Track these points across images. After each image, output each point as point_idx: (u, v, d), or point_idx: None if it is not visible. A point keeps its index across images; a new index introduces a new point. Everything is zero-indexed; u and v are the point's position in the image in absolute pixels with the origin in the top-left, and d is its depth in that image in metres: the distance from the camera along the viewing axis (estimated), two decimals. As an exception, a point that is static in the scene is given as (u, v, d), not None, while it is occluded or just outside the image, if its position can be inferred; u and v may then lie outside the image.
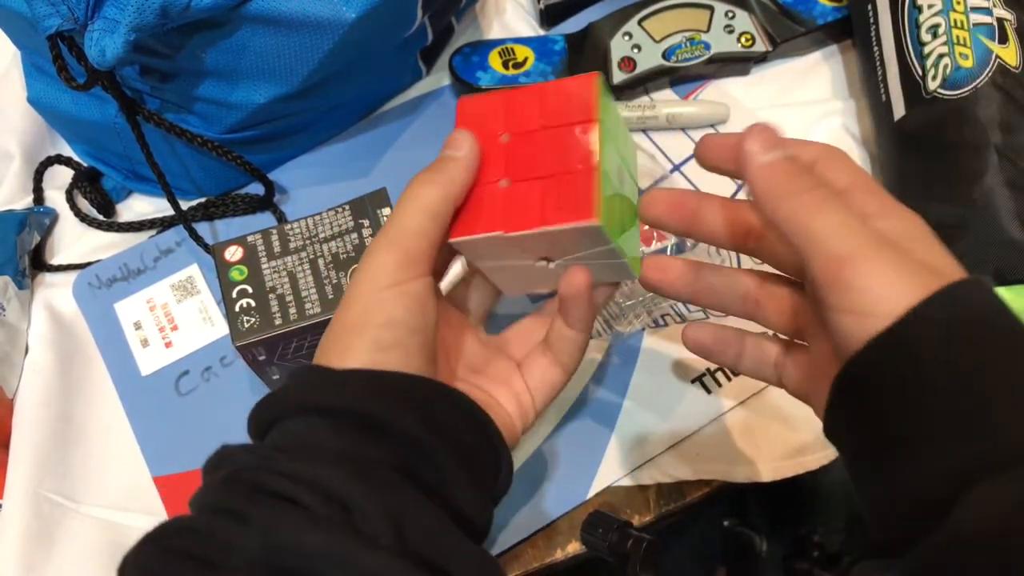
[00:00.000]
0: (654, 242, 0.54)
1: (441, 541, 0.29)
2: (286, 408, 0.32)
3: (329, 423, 0.31)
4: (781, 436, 0.48)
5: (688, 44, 0.59)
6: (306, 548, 0.27)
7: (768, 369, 0.38)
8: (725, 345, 0.39)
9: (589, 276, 0.36)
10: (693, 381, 0.50)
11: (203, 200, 0.58)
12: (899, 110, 0.53)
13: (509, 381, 0.39)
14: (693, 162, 0.57)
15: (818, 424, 0.48)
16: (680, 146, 0.59)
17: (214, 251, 0.49)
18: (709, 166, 0.35)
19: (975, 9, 0.51)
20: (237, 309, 0.47)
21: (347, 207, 0.50)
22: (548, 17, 0.63)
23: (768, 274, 0.38)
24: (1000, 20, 0.52)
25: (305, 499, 0.28)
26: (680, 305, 0.53)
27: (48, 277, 0.57)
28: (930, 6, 0.52)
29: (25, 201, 0.59)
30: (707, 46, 0.59)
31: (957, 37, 0.51)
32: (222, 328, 0.54)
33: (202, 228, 0.57)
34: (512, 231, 0.34)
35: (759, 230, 0.36)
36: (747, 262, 0.53)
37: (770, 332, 0.38)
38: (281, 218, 0.57)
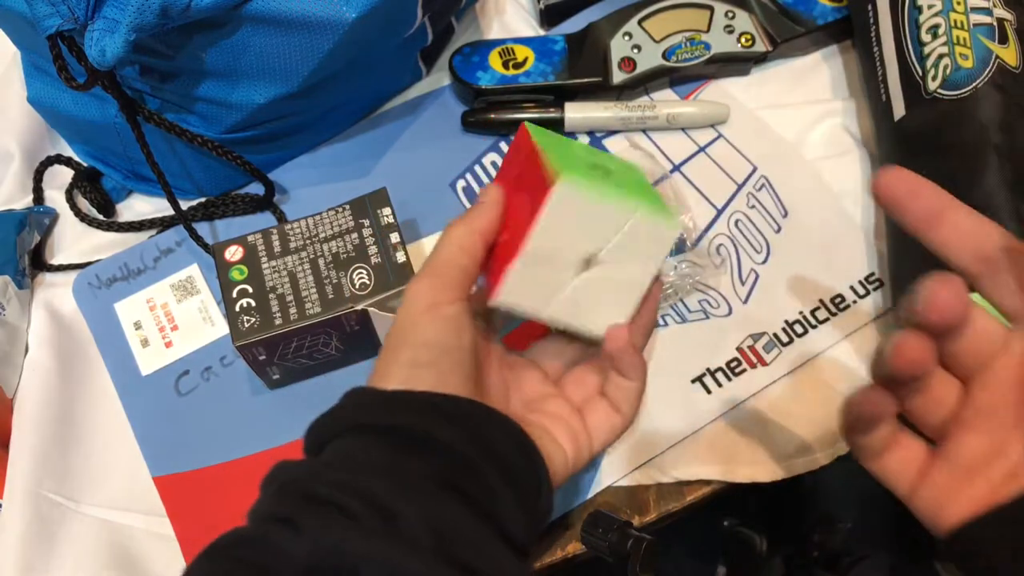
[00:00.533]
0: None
1: (484, 551, 0.30)
2: (336, 427, 0.34)
3: (377, 439, 0.33)
4: (781, 436, 0.48)
5: (688, 44, 0.59)
6: (353, 554, 0.28)
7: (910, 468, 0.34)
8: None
9: (626, 332, 0.38)
10: (693, 381, 0.50)
11: (203, 200, 0.58)
12: (899, 110, 0.53)
13: (568, 420, 0.39)
14: (693, 162, 0.58)
15: (818, 425, 0.48)
16: (680, 146, 0.59)
17: (214, 251, 0.49)
18: (887, 203, 0.33)
19: (975, 9, 0.51)
20: (237, 309, 0.47)
21: (347, 207, 0.50)
22: (548, 17, 0.63)
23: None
24: (1000, 20, 0.52)
25: (352, 507, 0.30)
26: (680, 304, 0.53)
27: (48, 277, 0.57)
28: (930, 6, 0.52)
29: (25, 201, 0.59)
30: (707, 46, 0.59)
31: (957, 37, 0.51)
32: (222, 328, 0.54)
33: (202, 228, 0.57)
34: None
35: (997, 260, 0.32)
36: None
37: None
38: (281, 218, 0.57)
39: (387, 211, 0.50)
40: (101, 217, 0.59)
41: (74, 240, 0.59)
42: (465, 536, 0.30)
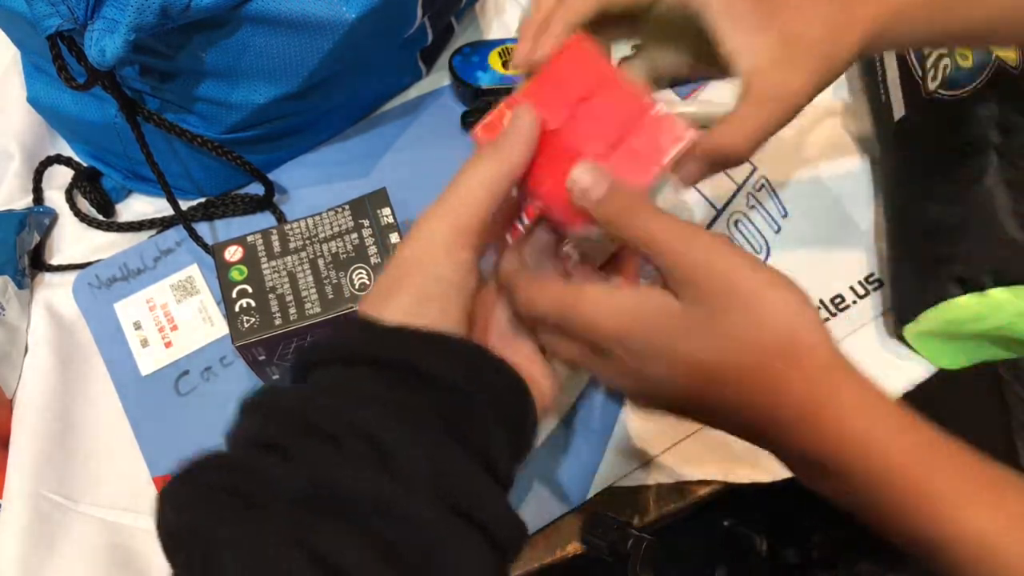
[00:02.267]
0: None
1: (478, 492, 0.30)
2: (330, 355, 0.33)
3: (373, 372, 0.32)
4: (781, 436, 0.48)
5: (688, 44, 0.59)
6: (348, 490, 0.27)
7: None
8: None
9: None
10: (693, 381, 0.50)
11: (203, 200, 0.58)
12: (899, 110, 0.53)
13: (534, 360, 0.39)
14: (693, 162, 0.58)
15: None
16: (680, 146, 0.59)
17: (214, 251, 0.49)
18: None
19: (975, 9, 0.51)
20: (237, 309, 0.47)
21: (347, 207, 0.50)
22: (548, 17, 0.63)
23: None
24: (1000, 20, 0.52)
25: (348, 440, 0.29)
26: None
27: (48, 277, 0.57)
28: (930, 6, 0.52)
29: (25, 201, 0.59)
30: (707, 46, 0.59)
31: (957, 37, 0.51)
32: (222, 328, 0.54)
33: (202, 228, 0.57)
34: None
35: None
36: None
37: None
38: (281, 218, 0.57)
39: (387, 211, 0.50)
40: (101, 217, 0.59)
41: (74, 240, 0.59)
42: (463, 480, 0.30)
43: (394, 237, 0.49)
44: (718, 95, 0.61)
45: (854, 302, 0.52)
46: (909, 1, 0.38)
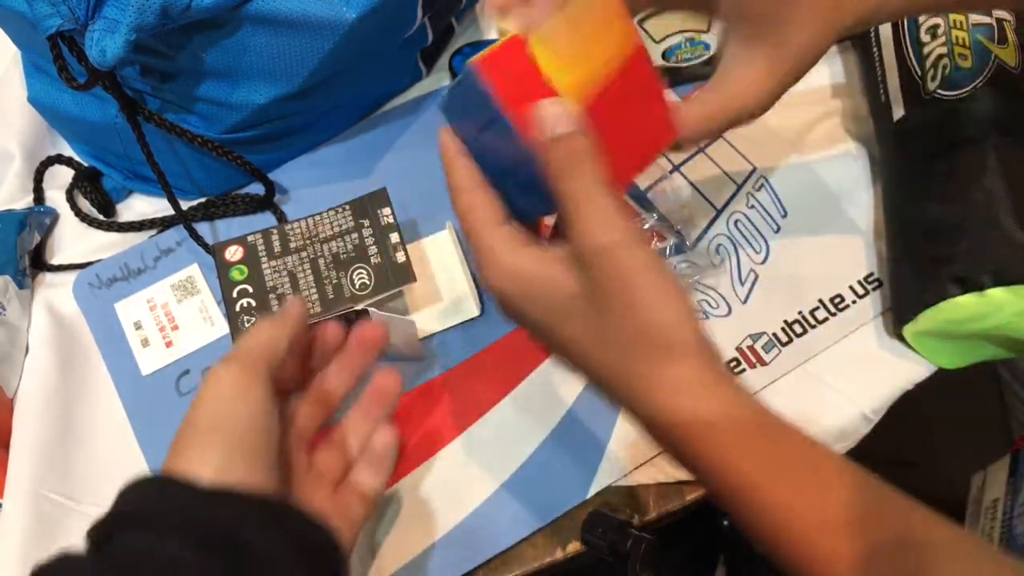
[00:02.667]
0: (655, 242, 0.54)
1: None
2: (143, 523, 0.33)
3: (186, 538, 0.31)
4: (781, 436, 0.48)
5: (688, 44, 0.59)
6: None
7: None
8: None
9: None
10: (693, 381, 0.50)
11: (203, 200, 0.58)
12: (899, 110, 0.53)
13: (333, 497, 0.41)
14: (693, 162, 0.58)
15: (817, 425, 0.48)
16: (680, 146, 0.59)
17: (214, 251, 0.49)
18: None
19: (975, 9, 0.51)
20: (237, 309, 0.47)
21: (347, 207, 0.50)
22: (548, 17, 0.63)
23: None
24: (999, 21, 0.52)
25: None
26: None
27: (48, 277, 0.57)
28: (930, 6, 0.52)
29: (25, 201, 0.59)
30: (707, 46, 0.59)
31: (956, 38, 0.51)
32: (222, 328, 0.54)
33: (202, 228, 0.57)
34: None
35: None
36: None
37: None
38: (281, 218, 0.57)
39: (387, 211, 0.50)
40: (101, 217, 0.59)
41: (74, 240, 0.59)
42: None
43: (394, 237, 0.49)
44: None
45: (853, 302, 0.52)
46: None
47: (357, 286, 0.48)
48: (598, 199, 0.32)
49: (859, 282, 0.53)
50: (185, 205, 0.57)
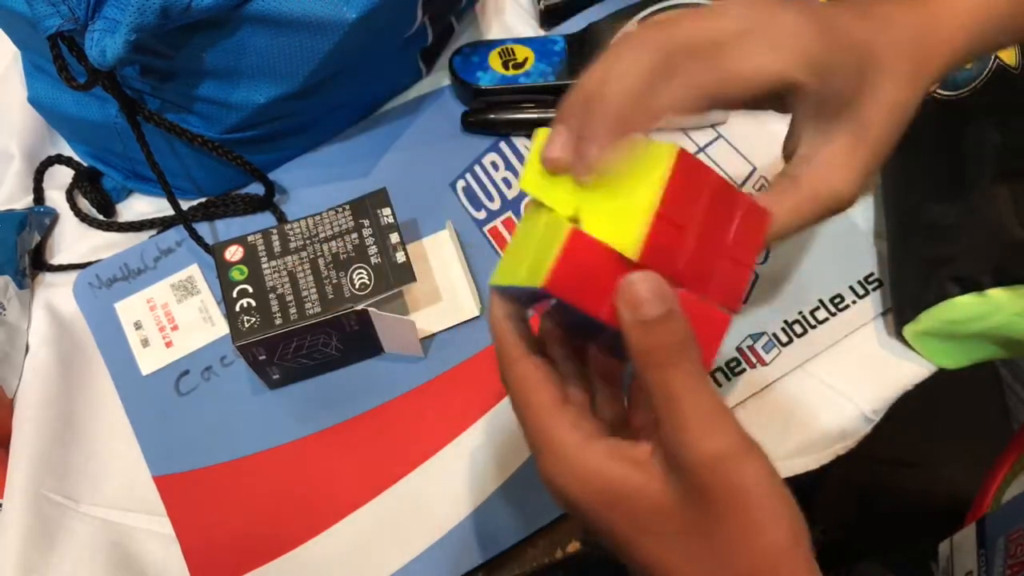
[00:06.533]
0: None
1: None
2: None
3: None
4: (781, 436, 0.48)
5: (688, 44, 0.59)
6: None
7: None
8: None
9: None
10: (693, 381, 0.50)
11: (203, 200, 0.58)
12: (899, 110, 0.53)
13: None
14: (693, 162, 0.58)
15: (817, 425, 0.48)
16: (680, 146, 0.59)
17: (214, 251, 0.49)
18: None
19: (975, 9, 0.51)
20: (237, 309, 0.47)
21: (347, 207, 0.50)
22: (548, 17, 0.63)
23: None
24: (1000, 20, 0.52)
25: None
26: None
27: (48, 277, 0.57)
28: (930, 6, 0.52)
29: (25, 201, 0.59)
30: (707, 46, 0.59)
31: (957, 37, 0.51)
32: (222, 328, 0.54)
33: (202, 228, 0.57)
34: None
35: None
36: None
37: None
38: (281, 218, 0.57)
39: (387, 211, 0.50)
40: (101, 217, 0.59)
41: (74, 240, 0.59)
42: None
43: (394, 237, 0.49)
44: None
45: (854, 302, 0.52)
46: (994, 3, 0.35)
47: (357, 286, 0.48)
48: (699, 396, 0.27)
49: (859, 282, 0.53)
50: (185, 205, 0.57)
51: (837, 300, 0.52)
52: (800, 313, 0.52)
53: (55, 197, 0.60)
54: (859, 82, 0.33)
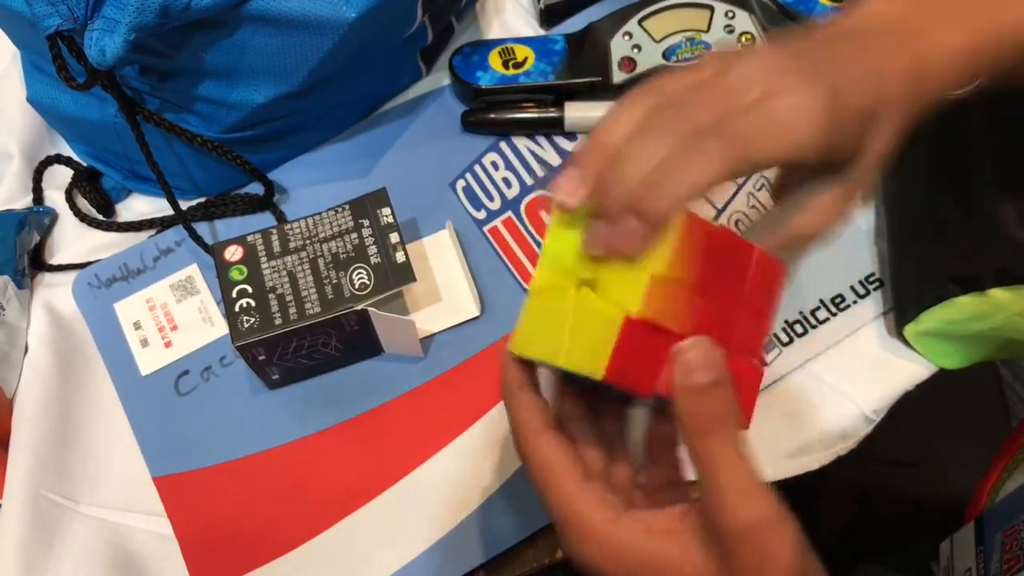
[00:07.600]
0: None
1: None
2: None
3: None
4: (781, 436, 0.48)
5: (688, 44, 0.59)
6: None
7: None
8: None
9: None
10: (693, 381, 0.50)
11: (203, 200, 0.58)
12: (899, 110, 0.53)
13: None
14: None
15: (818, 425, 0.48)
16: (680, 146, 0.59)
17: (214, 251, 0.49)
18: None
19: (975, 9, 0.51)
20: (237, 309, 0.47)
21: (347, 207, 0.50)
22: (548, 17, 0.63)
23: None
24: (1000, 20, 0.51)
25: None
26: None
27: (48, 277, 0.57)
28: (930, 6, 0.52)
29: (25, 201, 0.59)
30: (707, 46, 0.59)
31: (957, 37, 0.51)
32: (222, 328, 0.54)
33: (202, 228, 0.57)
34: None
35: None
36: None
37: None
38: (281, 218, 0.57)
39: (387, 211, 0.50)
40: (101, 217, 0.59)
41: (74, 240, 0.59)
42: None
43: (394, 237, 0.49)
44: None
45: (854, 302, 0.52)
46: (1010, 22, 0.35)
47: (357, 286, 0.48)
48: (738, 467, 0.29)
49: (860, 282, 0.53)
50: (184, 205, 0.57)
51: (838, 300, 0.52)
52: (801, 313, 0.52)
53: (54, 197, 0.60)
54: (860, 143, 0.33)
